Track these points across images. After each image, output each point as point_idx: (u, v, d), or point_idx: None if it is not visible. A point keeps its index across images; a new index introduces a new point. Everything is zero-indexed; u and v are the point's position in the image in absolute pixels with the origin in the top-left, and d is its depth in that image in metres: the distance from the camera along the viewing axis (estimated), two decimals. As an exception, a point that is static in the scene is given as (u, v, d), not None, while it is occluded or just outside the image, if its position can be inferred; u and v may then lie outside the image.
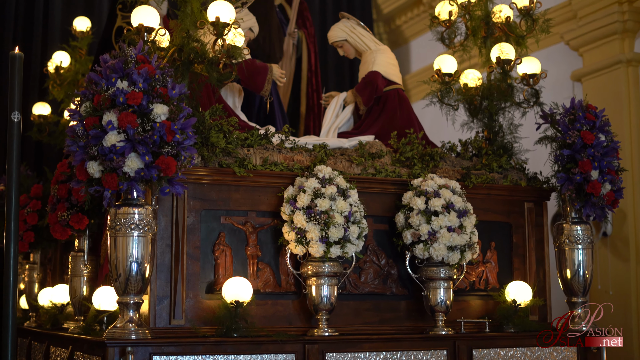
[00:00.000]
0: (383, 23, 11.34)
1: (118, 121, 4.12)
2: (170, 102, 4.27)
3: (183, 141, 4.24)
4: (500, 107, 5.93)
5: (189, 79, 4.88)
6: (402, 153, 5.51)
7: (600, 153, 5.26)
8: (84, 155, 4.19)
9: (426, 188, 5.09)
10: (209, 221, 4.83)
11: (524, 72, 5.81)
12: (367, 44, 6.23)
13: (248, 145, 5.04)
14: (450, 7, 5.93)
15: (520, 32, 5.89)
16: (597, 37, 7.90)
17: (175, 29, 4.88)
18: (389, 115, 6.03)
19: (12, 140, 4.23)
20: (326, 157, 5.19)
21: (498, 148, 5.84)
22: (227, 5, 4.76)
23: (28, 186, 6.61)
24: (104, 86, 4.21)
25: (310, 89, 7.39)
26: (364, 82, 6.10)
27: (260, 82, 5.94)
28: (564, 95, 7.43)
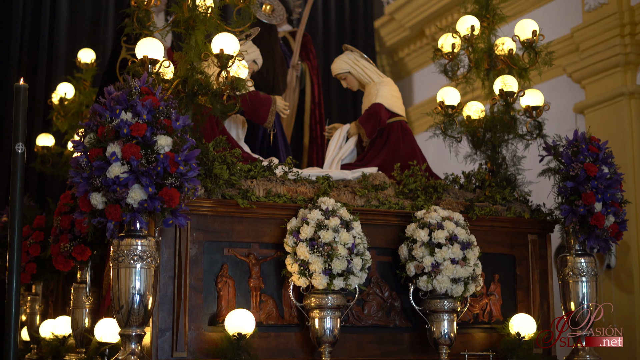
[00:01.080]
0: (386, 55, 11.40)
1: (122, 152, 4.13)
2: (174, 134, 4.28)
3: (186, 173, 4.24)
4: (504, 139, 5.93)
5: (192, 110, 4.90)
6: (405, 185, 5.51)
7: (603, 185, 5.25)
8: (88, 186, 4.19)
9: (429, 220, 5.08)
10: (212, 253, 4.82)
11: (526, 104, 5.82)
12: (370, 76, 6.25)
13: (251, 176, 5.04)
14: (453, 39, 5.96)
15: (523, 65, 5.92)
16: (600, 70, 7.92)
17: (179, 61, 4.91)
18: (392, 147, 6.03)
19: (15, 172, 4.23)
20: (329, 189, 5.19)
21: (501, 180, 5.84)
22: (231, 37, 4.79)
23: (31, 217, 6.61)
24: (108, 118, 4.22)
25: (314, 121, 7.41)
26: (367, 114, 6.11)
27: (263, 113, 5.96)
28: (567, 127, 7.43)
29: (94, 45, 8.91)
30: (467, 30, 5.95)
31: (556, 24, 8.44)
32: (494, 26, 6.11)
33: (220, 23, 4.98)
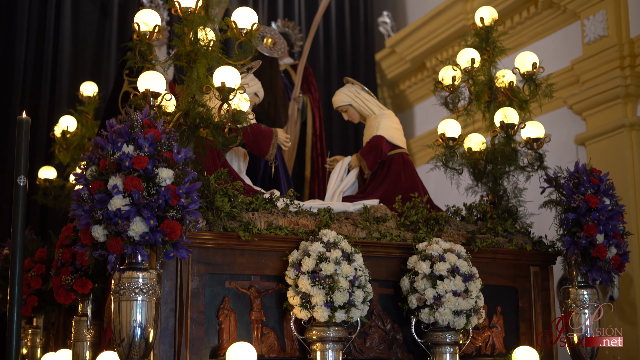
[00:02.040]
0: (387, 88, 11.44)
1: (123, 185, 4.14)
2: (176, 167, 4.29)
3: (188, 205, 4.24)
4: (505, 171, 5.93)
5: (194, 143, 4.91)
6: (406, 217, 5.51)
7: (605, 217, 5.25)
8: (89, 219, 4.19)
9: (431, 252, 5.08)
10: (213, 285, 4.81)
11: (527, 136, 5.83)
12: (371, 108, 6.27)
13: (253, 209, 5.04)
14: (454, 72, 5.98)
15: (524, 97, 5.93)
16: (600, 102, 7.95)
17: (181, 94, 4.93)
18: (393, 179, 6.04)
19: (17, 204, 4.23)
20: (331, 221, 5.19)
21: (503, 212, 5.83)
22: (233, 70, 4.81)
23: (32, 250, 6.61)
24: (110, 150, 4.23)
25: (315, 153, 7.42)
26: (369, 147, 6.12)
27: (265, 146, 5.98)
28: (568, 159, 7.45)
29: (97, 78, 8.96)
30: (467, 62, 5.98)
31: (556, 56, 8.49)
32: (494, 59, 6.14)
33: (222, 56, 5.01)
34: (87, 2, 9.69)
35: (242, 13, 5.01)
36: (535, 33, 9.05)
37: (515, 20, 9.23)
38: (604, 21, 8.04)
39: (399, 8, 11.42)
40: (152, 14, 4.96)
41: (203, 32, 4.94)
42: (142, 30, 4.88)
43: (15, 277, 4.14)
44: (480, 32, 6.15)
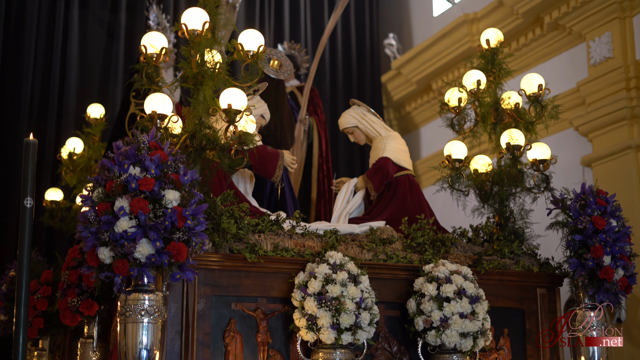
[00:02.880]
0: (393, 109, 11.46)
1: (130, 207, 4.14)
2: (182, 188, 4.29)
3: (194, 227, 4.24)
4: (511, 193, 5.93)
5: (200, 165, 4.92)
6: (413, 239, 5.50)
7: (612, 238, 5.24)
8: (95, 241, 4.19)
9: (438, 274, 5.06)
10: (220, 307, 4.80)
11: (534, 158, 5.83)
12: (377, 130, 6.28)
13: (259, 231, 5.04)
14: (460, 94, 5.99)
15: (530, 119, 5.94)
16: (606, 123, 7.95)
17: (187, 116, 4.94)
18: (399, 201, 6.03)
19: (24, 226, 4.24)
20: (337, 243, 5.18)
21: (509, 233, 5.82)
22: (239, 92, 4.83)
23: (39, 272, 6.60)
24: (117, 172, 4.24)
25: (321, 175, 7.43)
26: (375, 168, 6.13)
27: (271, 168, 5.98)
28: (575, 180, 7.44)
29: (104, 100, 8.99)
30: (473, 84, 5.99)
31: (562, 77, 8.50)
32: (500, 80, 6.14)
33: (229, 78, 5.03)
34: (95, 25, 9.76)
35: (249, 35, 5.03)
36: (541, 55, 9.07)
37: (521, 42, 9.26)
38: (609, 43, 8.06)
39: (405, 30, 11.46)
40: (159, 36, 4.98)
41: (210, 55, 4.96)
42: (149, 53, 4.91)
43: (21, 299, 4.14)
44: (486, 54, 6.17)
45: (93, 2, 9.75)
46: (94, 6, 9.76)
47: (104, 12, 9.84)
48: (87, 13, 9.70)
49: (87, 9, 9.71)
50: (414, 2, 11.42)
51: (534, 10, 8.86)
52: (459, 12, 10.12)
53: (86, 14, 9.70)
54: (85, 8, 9.69)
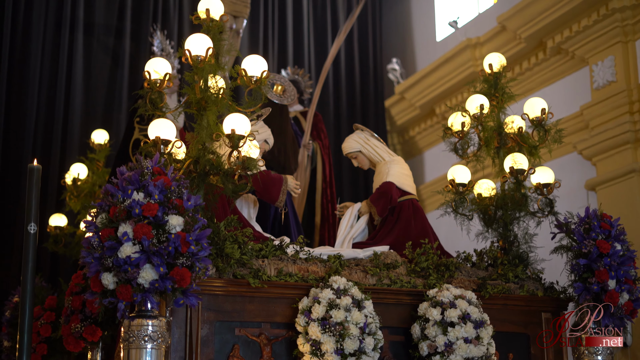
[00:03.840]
0: (397, 134, 11.48)
1: (133, 232, 4.15)
2: (186, 214, 4.30)
3: (198, 252, 4.24)
4: (515, 217, 5.92)
5: (204, 190, 4.93)
6: (417, 263, 5.49)
7: (616, 262, 5.23)
8: (99, 266, 4.19)
9: (442, 299, 5.05)
10: (223, 333, 4.79)
11: (537, 182, 5.82)
12: (381, 154, 6.28)
13: (263, 256, 5.03)
14: (463, 118, 6.00)
15: (533, 143, 5.94)
16: (610, 147, 7.95)
17: (191, 141, 4.96)
18: (403, 225, 6.03)
19: (27, 252, 4.25)
20: (341, 268, 5.18)
21: (514, 258, 5.81)
22: (243, 118, 4.84)
23: (42, 298, 6.60)
24: (120, 198, 4.25)
25: (325, 200, 7.43)
26: (378, 193, 6.13)
27: (275, 193, 5.98)
28: (579, 204, 7.43)
29: (108, 126, 9.03)
30: (476, 108, 6.00)
31: (565, 101, 8.51)
32: (503, 105, 6.15)
33: (232, 104, 5.05)
34: (99, 51, 9.81)
35: (252, 61, 5.05)
36: (544, 79, 9.09)
37: (524, 66, 9.28)
38: (612, 67, 8.07)
39: (408, 55, 11.51)
40: (162, 62, 5.01)
41: (213, 80, 4.98)
42: (153, 79, 4.92)
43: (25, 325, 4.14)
44: (489, 78, 6.18)
45: (98, 28, 9.81)
46: (99, 33, 9.83)
47: (109, 39, 9.90)
48: (91, 39, 9.76)
49: (92, 35, 9.77)
50: (417, 27, 11.47)
51: (536, 34, 8.89)
52: (462, 36, 10.15)
53: (91, 40, 9.76)
54: (89, 34, 9.75)
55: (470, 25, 10.30)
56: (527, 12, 8.86)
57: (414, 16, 11.54)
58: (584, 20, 8.32)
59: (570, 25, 8.50)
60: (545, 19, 8.67)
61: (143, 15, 9.99)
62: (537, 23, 8.79)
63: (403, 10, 11.73)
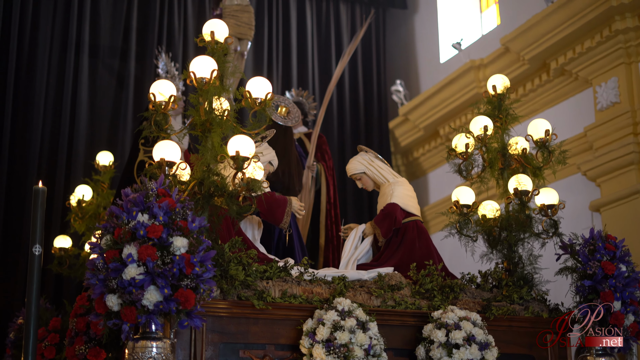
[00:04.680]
0: (401, 155, 11.49)
1: (138, 254, 4.15)
2: (190, 235, 4.30)
3: (202, 274, 4.24)
4: (520, 238, 5.91)
5: (209, 211, 4.93)
6: (421, 285, 5.48)
7: (622, 284, 5.22)
8: (104, 288, 4.19)
9: (446, 320, 5.04)
10: (228, 355, 4.77)
11: (542, 203, 5.82)
12: (385, 176, 6.29)
13: (267, 277, 5.03)
14: (467, 139, 6.00)
15: (537, 164, 5.94)
16: (614, 168, 7.95)
17: (196, 163, 4.97)
18: (408, 246, 6.02)
19: (32, 274, 4.25)
20: (345, 290, 5.17)
21: (518, 279, 5.79)
22: (247, 139, 4.85)
23: (47, 319, 6.59)
24: (125, 219, 4.25)
25: (329, 221, 7.43)
26: (383, 214, 6.13)
27: (279, 214, 5.99)
28: (583, 225, 7.40)
29: (113, 148, 9.06)
30: (480, 130, 6.00)
31: (569, 123, 8.53)
32: (507, 126, 6.15)
33: (237, 125, 5.06)
34: (104, 73, 9.86)
35: (257, 83, 5.07)
36: (548, 100, 9.11)
37: (528, 87, 9.30)
38: (615, 88, 8.09)
39: (412, 76, 11.54)
40: (167, 84, 5.03)
41: (218, 102, 5.00)
42: (158, 101, 4.94)
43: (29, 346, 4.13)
44: (493, 100, 6.18)
45: (103, 50, 9.87)
46: (104, 55, 9.88)
47: (114, 61, 9.96)
48: (97, 61, 9.82)
49: (97, 57, 9.83)
50: (420, 49, 11.51)
51: (540, 56, 8.92)
52: (465, 58, 10.19)
53: (96, 62, 9.81)
54: (95, 57, 9.81)
55: (474, 46, 10.33)
56: (530, 34, 8.90)
57: (418, 38, 11.58)
58: (587, 42, 8.35)
59: (573, 47, 8.53)
60: (548, 40, 8.70)
61: (148, 38, 10.05)
62: (540, 45, 8.82)
63: (407, 32, 11.78)
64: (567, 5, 8.38)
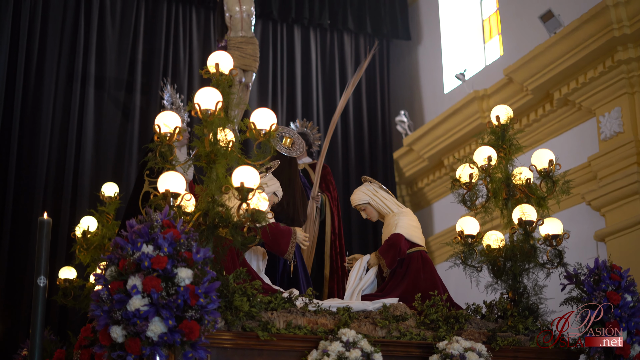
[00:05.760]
0: (405, 185, 11.50)
1: (142, 285, 4.15)
2: (195, 266, 4.30)
3: (207, 305, 4.24)
4: (524, 268, 5.90)
5: (213, 242, 4.93)
6: (426, 315, 5.47)
7: (627, 314, 5.20)
8: (108, 319, 4.19)
9: (452, 351, 5.02)
10: (232, 386, 4.76)
11: (546, 233, 5.82)
12: (389, 206, 6.30)
13: (272, 308, 5.02)
14: (471, 170, 6.01)
15: (541, 194, 5.94)
16: (619, 197, 7.95)
17: (200, 194, 4.98)
18: (412, 277, 6.02)
19: (37, 305, 4.25)
20: (350, 320, 5.16)
21: (523, 309, 5.78)
22: (252, 170, 4.86)
23: (51, 351, 6.58)
24: (130, 250, 4.26)
25: (334, 252, 7.42)
26: (387, 245, 6.13)
27: (284, 245, 5.99)
28: (588, 255, 7.41)
29: (118, 179, 9.08)
30: (484, 160, 6.02)
31: (573, 153, 8.54)
32: (511, 156, 6.17)
33: (241, 156, 5.07)
34: (110, 105, 9.92)
35: (261, 114, 5.09)
36: (552, 130, 9.13)
37: (531, 117, 9.33)
38: (619, 118, 8.11)
39: (416, 107, 11.58)
40: (172, 116, 5.05)
41: (222, 133, 5.02)
42: (163, 132, 4.97)
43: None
44: (497, 130, 6.20)
45: (109, 82, 9.93)
46: (110, 87, 9.94)
47: (120, 93, 10.02)
48: (102, 93, 9.88)
49: (103, 89, 9.89)
50: (424, 80, 11.56)
51: (543, 86, 8.96)
52: (469, 89, 10.23)
53: (102, 94, 9.87)
54: (101, 88, 9.87)
55: (477, 77, 10.38)
56: (533, 65, 8.94)
57: (422, 69, 11.64)
58: (590, 72, 8.38)
59: (576, 77, 8.56)
60: (551, 71, 8.74)
61: (154, 70, 10.11)
62: (543, 75, 8.86)
63: (411, 62, 11.84)
64: (569, 36, 8.43)
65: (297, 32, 11.28)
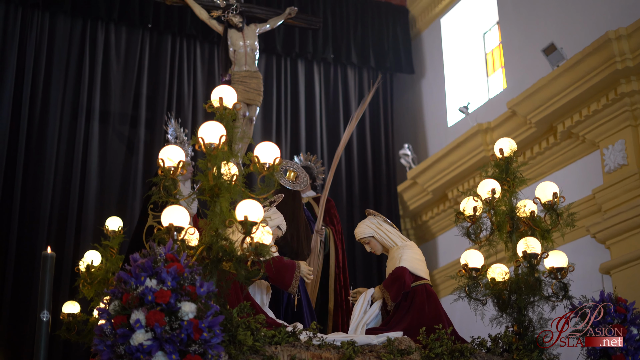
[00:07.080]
0: (410, 219, 11.49)
1: (146, 319, 4.14)
2: (198, 300, 4.29)
3: (210, 339, 4.22)
4: (529, 301, 5.87)
5: (217, 276, 4.92)
6: (431, 349, 5.44)
7: (633, 347, 5.17)
8: (111, 354, 4.17)
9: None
10: (236, 421, 4.73)
11: (551, 266, 5.80)
12: (393, 240, 6.29)
13: (276, 342, 5.00)
14: (475, 203, 6.01)
15: (546, 227, 5.93)
16: (623, 230, 7.93)
17: (204, 228, 4.98)
18: (417, 310, 5.99)
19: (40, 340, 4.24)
20: (354, 354, 5.13)
21: (529, 343, 5.74)
22: (256, 204, 4.87)
23: (54, 386, 6.55)
24: (133, 285, 4.25)
25: (338, 286, 7.40)
26: (392, 278, 6.11)
27: (288, 279, 5.98)
28: (594, 287, 7.37)
29: (122, 213, 9.08)
30: (488, 193, 6.02)
31: (577, 185, 8.54)
32: (515, 189, 6.17)
33: (245, 190, 5.08)
34: (115, 139, 9.95)
35: (265, 148, 5.10)
36: (555, 163, 9.13)
37: (535, 150, 9.34)
38: (623, 150, 8.12)
39: (420, 140, 11.61)
40: (176, 150, 5.06)
41: (226, 167, 5.03)
42: (167, 166, 4.98)
43: (36, 414, 4.10)
44: (500, 163, 6.21)
45: (113, 117, 9.98)
46: (114, 121, 9.99)
47: (124, 127, 10.06)
48: (107, 128, 9.92)
49: (108, 124, 9.93)
50: (428, 113, 11.60)
51: (546, 119, 8.97)
52: (472, 122, 10.25)
53: (106, 128, 9.91)
54: (105, 123, 9.91)
55: (481, 110, 10.41)
56: (536, 98, 8.96)
57: (425, 102, 11.68)
58: (594, 105, 8.40)
59: (580, 110, 8.58)
60: (555, 104, 8.76)
61: (158, 104, 10.16)
62: (547, 108, 8.88)
63: (414, 96, 11.88)
64: (572, 68, 8.46)
65: (301, 66, 11.33)
